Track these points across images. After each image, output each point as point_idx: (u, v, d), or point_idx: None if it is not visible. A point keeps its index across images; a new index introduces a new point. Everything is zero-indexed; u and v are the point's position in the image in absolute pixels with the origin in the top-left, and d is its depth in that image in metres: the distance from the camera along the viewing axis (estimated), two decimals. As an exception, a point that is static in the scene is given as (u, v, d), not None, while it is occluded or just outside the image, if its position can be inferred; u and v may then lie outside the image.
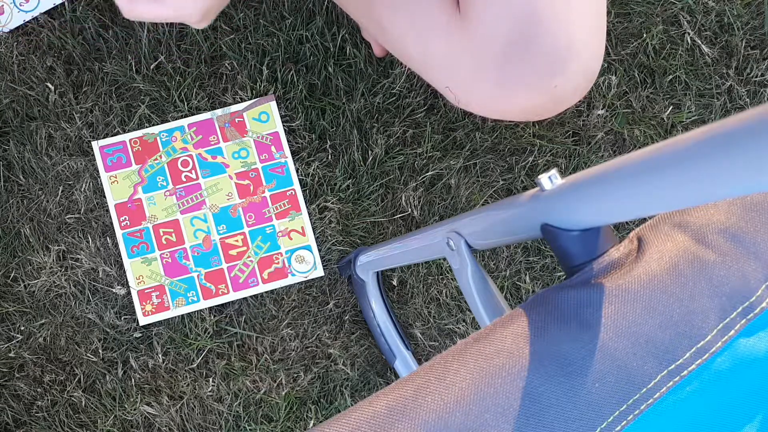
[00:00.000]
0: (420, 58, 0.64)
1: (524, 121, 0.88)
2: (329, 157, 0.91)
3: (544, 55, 0.57)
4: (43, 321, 0.87)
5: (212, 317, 0.88)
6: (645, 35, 0.94)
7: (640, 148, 0.72)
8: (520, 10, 0.56)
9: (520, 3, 0.56)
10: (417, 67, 0.66)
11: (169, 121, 0.90)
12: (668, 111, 0.94)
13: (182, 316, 0.88)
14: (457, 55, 0.60)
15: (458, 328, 0.91)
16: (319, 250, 0.90)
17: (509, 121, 0.92)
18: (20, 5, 0.90)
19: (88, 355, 0.87)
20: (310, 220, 0.90)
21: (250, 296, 0.89)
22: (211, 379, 0.88)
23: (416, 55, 0.64)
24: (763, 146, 0.23)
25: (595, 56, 0.60)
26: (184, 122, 0.90)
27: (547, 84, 0.58)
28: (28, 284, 0.88)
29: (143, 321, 0.87)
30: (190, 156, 0.90)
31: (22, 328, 0.87)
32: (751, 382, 0.33)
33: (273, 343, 0.89)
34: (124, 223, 0.89)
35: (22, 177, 0.89)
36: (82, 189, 0.89)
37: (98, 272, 0.88)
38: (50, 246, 0.88)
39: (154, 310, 0.88)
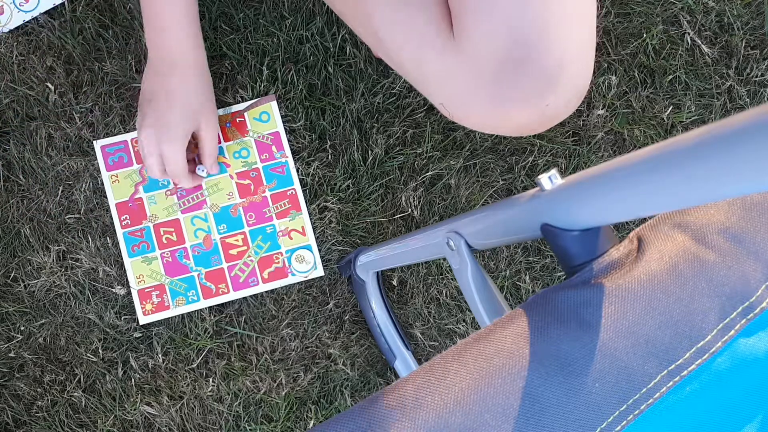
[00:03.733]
0: (415, 73, 0.64)
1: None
2: (329, 157, 0.91)
3: (535, 74, 0.57)
4: (43, 321, 0.87)
5: (212, 317, 0.88)
6: (645, 35, 0.94)
7: (640, 148, 0.72)
8: (510, 30, 0.57)
9: (510, 22, 0.57)
10: (412, 81, 0.67)
11: (169, 121, 0.90)
12: (668, 111, 0.94)
13: (182, 315, 0.88)
14: (450, 73, 0.61)
15: (458, 328, 0.91)
16: (319, 250, 0.90)
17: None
18: (20, 5, 0.90)
19: (88, 355, 0.87)
20: (311, 219, 0.90)
21: (250, 296, 0.89)
22: (211, 379, 0.88)
23: (411, 70, 0.65)
24: (763, 146, 0.23)
25: (585, 72, 0.61)
26: (184, 122, 0.90)
27: (539, 102, 0.58)
28: (28, 284, 0.88)
29: (143, 320, 0.87)
30: (190, 156, 0.90)
31: (22, 328, 0.87)
32: (751, 382, 0.33)
33: (273, 343, 0.89)
34: (125, 222, 0.89)
35: (22, 177, 0.89)
36: (82, 189, 0.89)
37: (98, 272, 0.88)
38: (50, 246, 0.88)
39: (154, 309, 0.88)
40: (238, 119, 0.91)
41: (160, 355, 0.87)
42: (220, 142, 0.90)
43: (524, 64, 0.57)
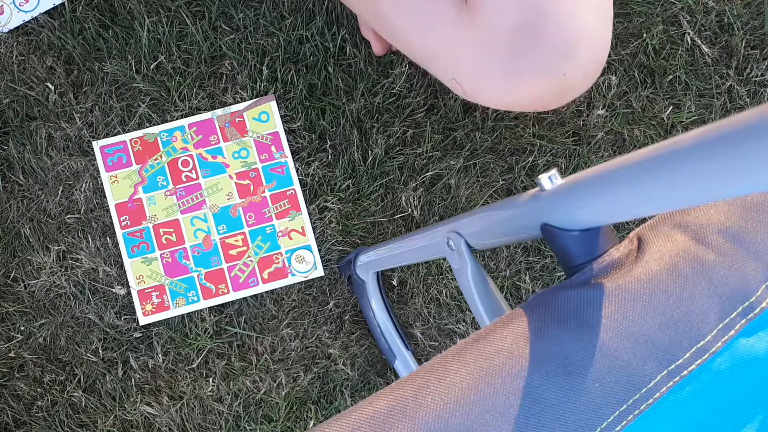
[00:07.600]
0: (425, 50, 0.63)
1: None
2: (329, 157, 0.91)
3: (552, 43, 0.56)
4: (43, 321, 0.87)
5: (212, 317, 0.88)
6: (645, 35, 0.94)
7: (640, 148, 0.72)
8: None
9: None
10: (422, 61, 0.65)
11: (170, 121, 0.90)
12: (668, 111, 0.94)
13: (182, 316, 0.88)
14: (463, 46, 0.59)
15: (458, 328, 0.91)
16: (319, 250, 0.90)
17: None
18: (20, 5, 0.90)
19: (88, 355, 0.87)
20: (310, 220, 0.90)
21: (250, 296, 0.89)
22: (211, 379, 0.88)
23: (421, 47, 0.63)
24: (763, 146, 0.23)
25: (603, 42, 0.59)
26: (185, 122, 0.90)
27: (556, 72, 0.57)
28: (28, 284, 0.88)
29: (143, 321, 0.87)
30: (191, 156, 0.90)
31: (22, 328, 0.87)
32: (751, 382, 0.33)
33: (273, 343, 0.89)
34: (125, 222, 0.89)
35: (22, 177, 0.89)
36: (82, 189, 0.89)
37: (98, 272, 0.88)
38: (50, 246, 0.88)
39: (154, 309, 0.88)
40: (237, 119, 0.91)
41: (160, 355, 0.87)
42: (219, 143, 0.90)
43: (540, 33, 0.56)
